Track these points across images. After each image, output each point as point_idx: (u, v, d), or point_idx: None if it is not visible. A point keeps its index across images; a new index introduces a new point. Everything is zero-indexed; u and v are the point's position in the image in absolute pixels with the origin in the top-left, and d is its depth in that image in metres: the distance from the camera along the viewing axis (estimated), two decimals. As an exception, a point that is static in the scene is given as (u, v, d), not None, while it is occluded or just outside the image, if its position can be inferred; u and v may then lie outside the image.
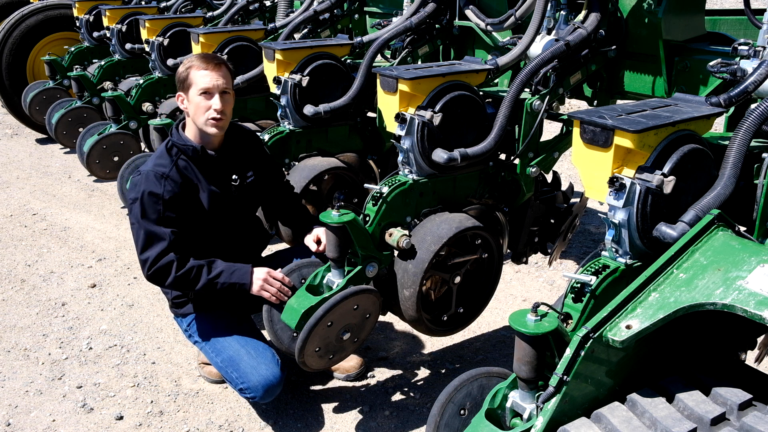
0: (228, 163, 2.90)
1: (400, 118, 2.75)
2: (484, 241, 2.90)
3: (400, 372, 3.24)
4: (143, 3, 6.57)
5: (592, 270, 2.09)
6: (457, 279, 2.85)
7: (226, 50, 4.30)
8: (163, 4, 6.33)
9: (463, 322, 3.03)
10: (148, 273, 2.68)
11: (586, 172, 2.11)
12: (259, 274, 2.73)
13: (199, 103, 2.73)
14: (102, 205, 5.43)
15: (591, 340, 1.70)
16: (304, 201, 3.41)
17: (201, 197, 2.80)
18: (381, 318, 2.93)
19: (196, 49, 4.44)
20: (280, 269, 2.79)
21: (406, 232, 2.73)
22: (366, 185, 2.87)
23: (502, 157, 3.09)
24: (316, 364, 2.65)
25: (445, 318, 2.92)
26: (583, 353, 1.71)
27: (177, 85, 2.81)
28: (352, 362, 3.17)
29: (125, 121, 5.18)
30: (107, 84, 5.87)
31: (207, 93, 2.72)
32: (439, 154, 2.72)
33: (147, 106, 5.19)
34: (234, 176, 2.91)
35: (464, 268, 2.88)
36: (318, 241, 2.96)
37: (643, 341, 1.72)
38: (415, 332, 3.54)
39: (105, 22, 6.01)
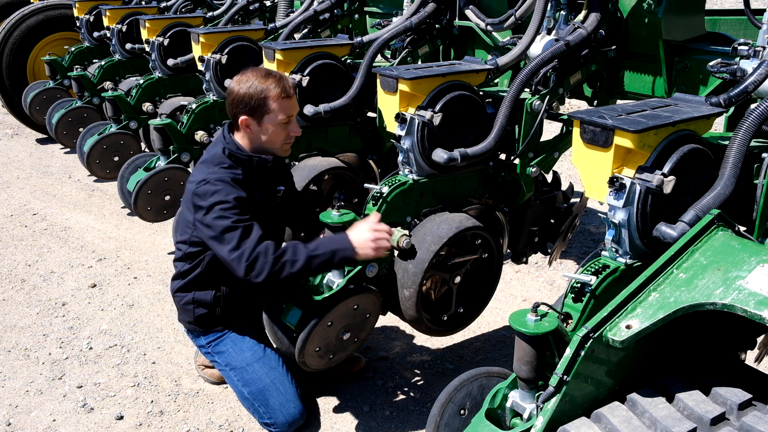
0: (275, 175, 2.89)
1: (400, 118, 2.75)
2: (484, 241, 2.90)
3: (400, 372, 3.24)
4: (143, 3, 6.58)
5: (592, 270, 2.09)
6: (457, 279, 2.85)
7: (226, 50, 4.30)
8: (163, 4, 6.33)
9: (463, 322, 3.04)
10: (247, 262, 2.44)
11: (586, 172, 2.11)
12: (362, 234, 2.51)
13: (279, 131, 2.66)
14: (102, 205, 5.43)
15: (591, 340, 1.70)
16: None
17: (257, 206, 2.74)
18: (381, 318, 2.93)
19: (197, 49, 4.44)
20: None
21: (406, 232, 2.73)
22: (366, 185, 2.87)
23: (502, 157, 3.09)
24: (316, 364, 2.65)
25: (445, 318, 2.92)
26: (583, 353, 1.71)
27: (242, 107, 2.62)
28: (352, 362, 3.17)
29: (125, 121, 5.18)
30: (107, 84, 5.88)
31: (288, 121, 2.68)
32: (439, 154, 2.72)
33: (147, 106, 5.19)
34: (280, 187, 2.88)
35: (464, 268, 2.88)
36: None
37: (643, 341, 1.72)
38: (415, 332, 3.54)
39: (105, 22, 6.01)
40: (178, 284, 2.86)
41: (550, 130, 3.52)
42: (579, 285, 2.06)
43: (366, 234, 2.52)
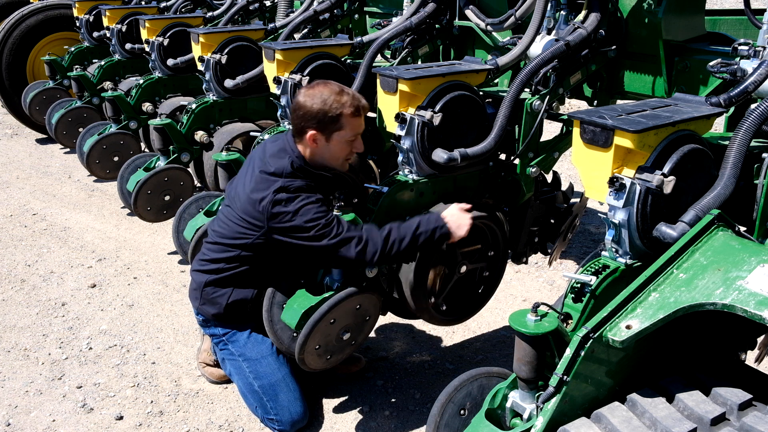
0: (332, 190, 2.90)
1: (400, 118, 2.75)
2: (489, 230, 2.91)
3: (400, 372, 3.24)
4: (143, 3, 6.58)
5: (592, 270, 2.09)
6: (463, 268, 2.86)
7: (226, 50, 4.30)
8: (163, 4, 6.33)
9: (468, 312, 3.04)
10: (358, 246, 2.50)
11: (586, 172, 2.11)
12: (453, 211, 2.65)
13: (344, 147, 2.68)
14: (102, 205, 5.43)
15: (591, 340, 1.70)
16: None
17: None
18: (381, 318, 2.93)
19: (196, 49, 4.44)
20: None
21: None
22: (366, 185, 2.87)
23: (502, 157, 3.09)
24: (314, 363, 2.65)
25: (450, 308, 2.93)
26: (583, 353, 1.71)
27: (313, 121, 2.60)
28: (352, 362, 3.17)
29: (125, 121, 5.18)
30: (107, 84, 5.88)
31: (355, 138, 2.68)
32: (439, 154, 2.72)
33: (147, 106, 5.19)
34: (331, 196, 2.87)
35: (469, 257, 2.88)
36: None
37: (643, 341, 1.72)
38: (415, 332, 3.55)
39: (105, 22, 6.01)
40: (212, 278, 2.81)
41: (550, 130, 3.52)
42: (579, 285, 2.06)
43: (460, 214, 2.65)
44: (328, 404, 3.01)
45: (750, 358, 2.22)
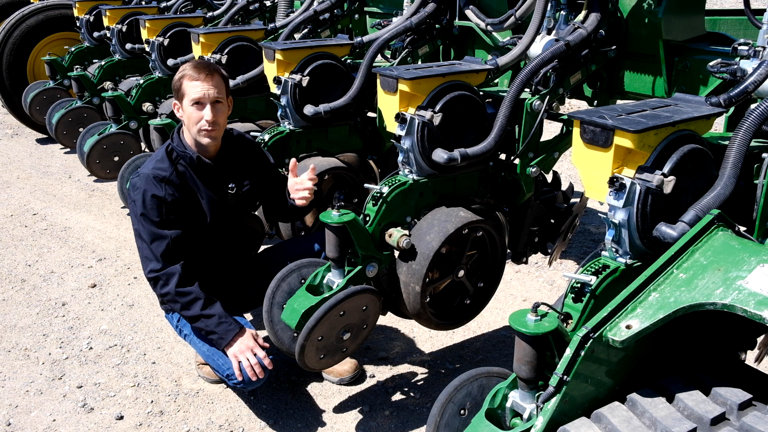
0: (225, 171, 2.90)
1: (400, 118, 2.75)
2: (486, 234, 2.91)
3: (400, 372, 3.24)
4: (143, 3, 6.58)
5: (592, 270, 2.09)
6: (461, 273, 2.86)
7: (226, 50, 4.30)
8: (163, 4, 6.33)
9: (468, 315, 3.04)
10: (149, 275, 2.71)
11: (586, 172, 2.11)
12: (244, 341, 2.69)
13: (192, 114, 2.72)
14: (102, 205, 5.43)
15: (591, 340, 1.70)
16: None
17: (200, 203, 2.81)
18: (381, 318, 2.92)
19: (197, 49, 4.44)
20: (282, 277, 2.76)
21: (406, 232, 2.73)
22: (366, 185, 2.87)
23: (502, 157, 3.09)
24: (314, 363, 2.64)
25: (450, 311, 2.93)
26: (583, 353, 1.71)
27: (173, 93, 2.80)
28: (345, 366, 3.14)
29: (125, 121, 5.18)
30: (107, 84, 5.87)
31: (199, 103, 2.71)
32: (439, 154, 2.72)
33: (147, 106, 5.19)
34: (231, 185, 2.91)
35: (468, 261, 2.88)
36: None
37: (643, 341, 1.72)
38: (415, 332, 3.55)
39: (105, 22, 6.01)
40: None
41: (550, 130, 3.52)
42: (579, 285, 2.06)
43: (248, 348, 2.68)
44: (328, 404, 3.01)
45: (750, 358, 2.22)
